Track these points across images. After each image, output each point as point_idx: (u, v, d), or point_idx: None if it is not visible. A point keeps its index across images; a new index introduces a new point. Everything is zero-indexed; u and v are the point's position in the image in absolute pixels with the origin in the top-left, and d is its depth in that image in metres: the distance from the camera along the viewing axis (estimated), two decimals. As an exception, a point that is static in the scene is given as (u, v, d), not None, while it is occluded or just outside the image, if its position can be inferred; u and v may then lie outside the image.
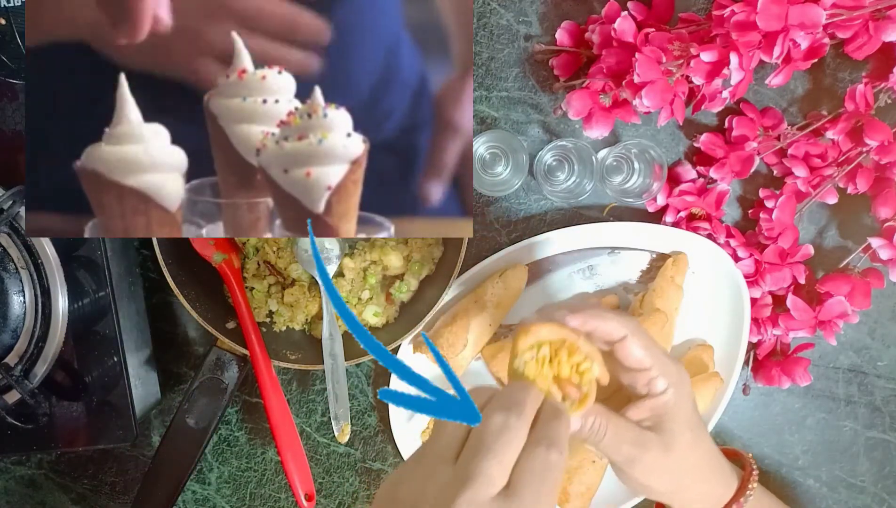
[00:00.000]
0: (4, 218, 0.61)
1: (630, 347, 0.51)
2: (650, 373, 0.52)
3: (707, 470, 0.55)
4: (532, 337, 0.48)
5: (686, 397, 0.53)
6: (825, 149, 0.67)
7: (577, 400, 0.48)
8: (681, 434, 0.53)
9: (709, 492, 0.56)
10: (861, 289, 0.67)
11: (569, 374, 0.48)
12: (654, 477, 0.53)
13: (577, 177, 0.69)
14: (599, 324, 0.51)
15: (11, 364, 0.63)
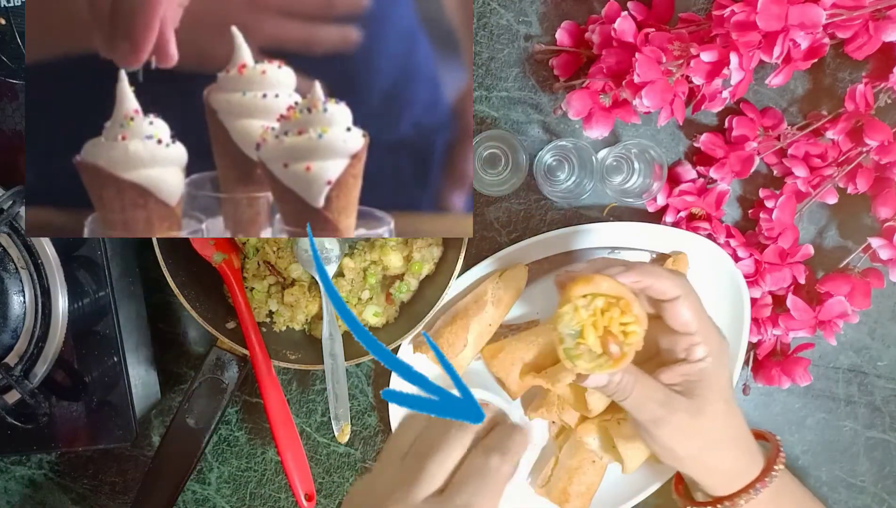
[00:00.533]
0: (4, 218, 0.61)
1: (680, 309, 0.51)
2: (693, 338, 0.52)
3: (733, 444, 0.55)
4: (592, 287, 0.48)
5: (723, 368, 0.53)
6: (825, 149, 0.67)
7: (614, 357, 0.48)
8: (712, 403, 0.52)
9: (732, 466, 0.55)
10: (861, 289, 0.67)
11: (616, 331, 0.48)
12: (678, 440, 0.53)
13: (577, 177, 0.69)
14: (654, 282, 0.50)
15: (11, 364, 0.63)
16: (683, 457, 0.54)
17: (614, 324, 0.48)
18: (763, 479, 0.55)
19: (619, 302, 0.48)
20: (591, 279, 0.48)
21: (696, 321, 0.51)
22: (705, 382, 0.52)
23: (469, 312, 0.68)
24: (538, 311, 0.72)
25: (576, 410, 0.66)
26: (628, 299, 0.49)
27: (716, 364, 0.52)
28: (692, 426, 0.52)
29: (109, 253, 0.65)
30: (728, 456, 0.55)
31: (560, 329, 0.49)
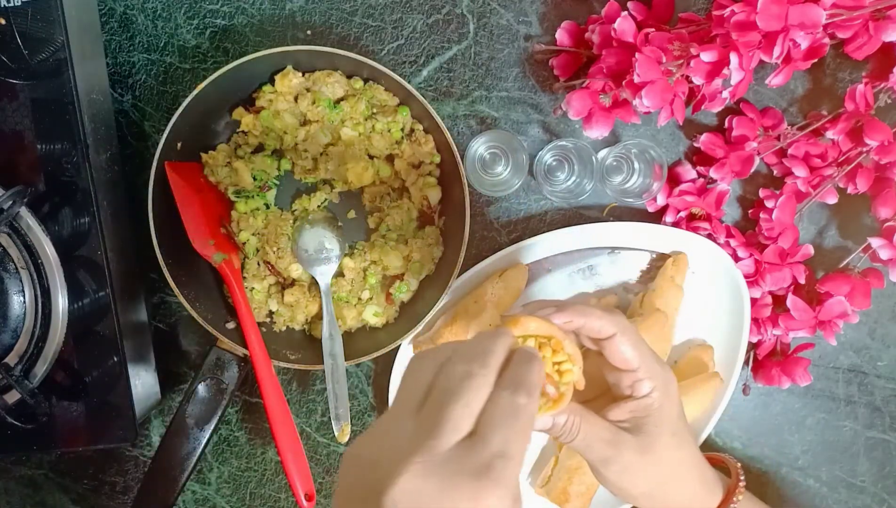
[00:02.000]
0: (4, 218, 0.61)
1: (618, 346, 0.50)
2: (636, 374, 0.51)
3: (688, 477, 0.54)
4: (520, 329, 0.48)
5: (671, 401, 0.52)
6: (825, 149, 0.67)
7: (552, 399, 0.48)
8: (660, 437, 0.51)
9: (689, 499, 0.54)
10: (861, 289, 0.67)
11: (550, 371, 0.48)
12: (629, 479, 0.52)
13: (577, 177, 0.69)
14: (587, 321, 0.50)
15: (11, 364, 0.63)
16: (637, 495, 0.53)
17: (547, 365, 0.48)
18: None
19: (550, 342, 0.48)
20: (517, 320, 0.48)
21: (636, 357, 0.51)
22: (653, 417, 0.52)
23: (469, 312, 0.68)
24: (538, 311, 0.72)
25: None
26: (558, 337, 0.48)
27: (662, 398, 0.51)
28: (642, 463, 0.51)
29: (109, 253, 0.65)
30: (683, 491, 0.54)
31: None
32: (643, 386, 0.51)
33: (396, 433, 0.41)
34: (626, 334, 0.51)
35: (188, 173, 0.69)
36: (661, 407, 0.52)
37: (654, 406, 0.51)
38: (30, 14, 0.63)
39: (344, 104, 0.69)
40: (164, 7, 0.72)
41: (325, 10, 0.72)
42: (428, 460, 0.38)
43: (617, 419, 0.52)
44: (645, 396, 0.51)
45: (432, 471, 0.38)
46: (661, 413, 0.52)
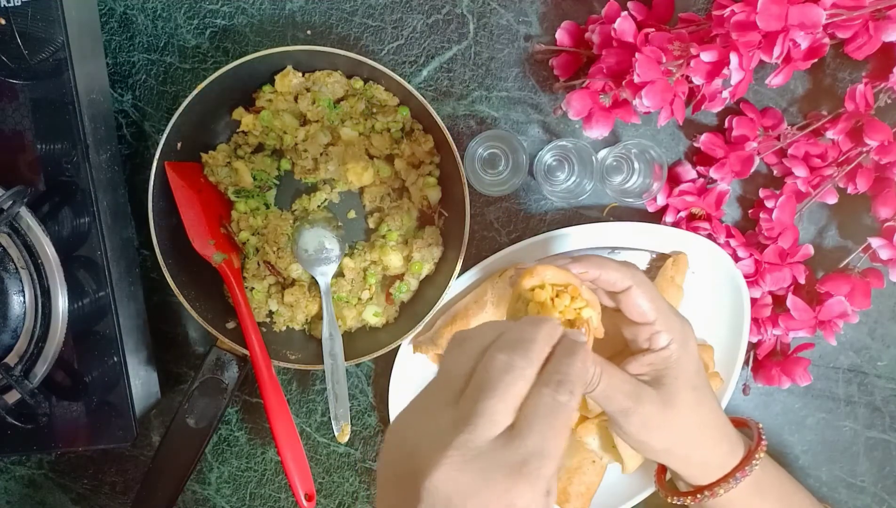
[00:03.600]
0: (4, 218, 0.61)
1: (634, 298, 0.50)
2: (653, 327, 0.51)
3: (709, 433, 0.54)
4: (536, 278, 0.48)
5: (689, 355, 0.52)
6: (825, 149, 0.67)
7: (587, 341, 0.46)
8: (681, 392, 0.51)
9: (710, 456, 0.54)
10: (861, 289, 0.67)
11: (572, 318, 0.48)
12: (649, 433, 0.52)
13: (577, 177, 0.69)
14: (602, 273, 0.50)
15: (11, 364, 0.63)
16: (658, 449, 0.53)
17: (568, 312, 0.48)
18: (743, 468, 0.53)
19: (567, 289, 0.48)
20: (533, 269, 0.48)
21: (653, 310, 0.50)
22: (672, 370, 0.51)
23: (469, 312, 0.68)
24: (538, 311, 0.72)
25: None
26: (575, 284, 0.48)
27: (680, 350, 0.51)
28: (662, 418, 0.51)
29: (109, 253, 0.65)
30: (704, 446, 0.54)
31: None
32: (660, 338, 0.51)
33: (437, 420, 0.41)
34: (642, 286, 0.51)
35: (188, 173, 0.69)
36: (679, 360, 0.51)
37: (673, 358, 0.51)
38: (30, 14, 0.63)
39: (344, 104, 0.69)
40: (164, 7, 0.72)
41: (325, 10, 0.72)
42: (465, 453, 0.38)
43: (636, 372, 0.52)
44: (663, 349, 0.51)
45: (468, 464, 0.38)
46: (680, 366, 0.51)
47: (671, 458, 0.54)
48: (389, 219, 0.70)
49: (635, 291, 0.50)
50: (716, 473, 0.54)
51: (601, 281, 0.51)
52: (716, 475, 0.54)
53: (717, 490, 0.54)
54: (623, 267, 0.51)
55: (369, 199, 0.72)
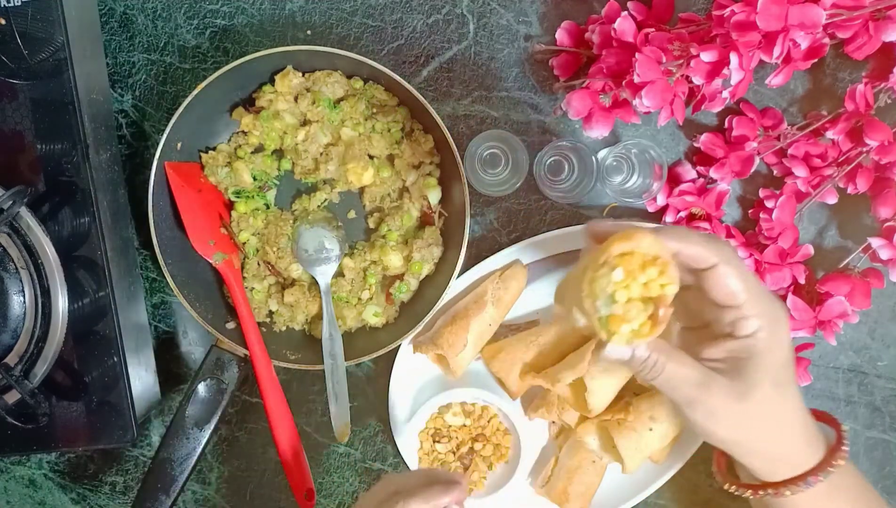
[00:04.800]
0: (4, 218, 0.61)
1: (721, 278, 0.45)
2: (741, 311, 0.46)
3: (786, 432, 0.49)
4: (632, 243, 0.43)
5: (778, 346, 0.47)
6: (825, 149, 0.67)
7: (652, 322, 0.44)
8: (761, 386, 0.46)
9: (782, 453, 0.50)
10: (861, 289, 0.67)
11: (655, 296, 0.44)
12: (716, 424, 0.48)
13: (577, 177, 0.69)
14: (683, 248, 0.45)
15: (11, 364, 0.64)
16: (724, 440, 0.49)
17: (652, 287, 0.44)
18: (817, 473, 0.49)
19: (655, 262, 0.44)
20: (632, 234, 0.43)
21: (742, 291, 0.45)
22: (755, 361, 0.46)
23: (469, 312, 0.68)
24: (538, 311, 0.72)
25: (576, 410, 0.66)
26: (665, 258, 0.44)
27: (769, 340, 0.46)
28: (733, 410, 0.47)
29: (109, 253, 0.65)
30: (777, 443, 0.49)
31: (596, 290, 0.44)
32: (747, 324, 0.46)
33: None
34: (731, 264, 0.45)
35: (188, 173, 0.69)
36: (765, 350, 0.46)
37: (758, 348, 0.46)
38: (30, 14, 0.63)
39: (344, 104, 0.69)
40: (164, 7, 0.72)
41: (325, 10, 0.72)
42: None
43: (713, 357, 0.48)
44: (748, 336, 0.46)
45: None
46: (765, 357, 0.46)
47: (738, 450, 0.50)
48: (389, 219, 0.70)
49: (723, 270, 0.45)
50: (786, 472, 0.50)
51: (682, 256, 0.45)
52: (786, 474, 0.50)
53: (784, 491, 0.50)
54: (710, 242, 0.46)
55: (369, 199, 0.72)
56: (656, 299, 0.44)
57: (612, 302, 0.44)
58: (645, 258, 0.44)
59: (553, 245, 0.70)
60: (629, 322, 0.44)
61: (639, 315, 0.44)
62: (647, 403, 0.66)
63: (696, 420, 0.49)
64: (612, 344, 0.45)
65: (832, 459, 0.50)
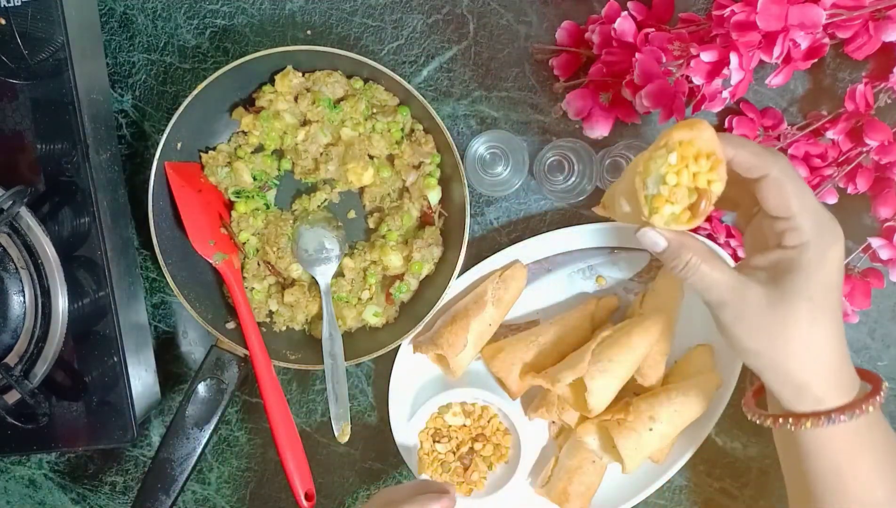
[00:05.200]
0: (4, 218, 0.61)
1: (774, 187, 0.47)
2: (790, 222, 0.47)
3: (813, 356, 0.48)
4: (695, 132, 0.46)
5: (823, 265, 0.47)
6: (825, 149, 0.67)
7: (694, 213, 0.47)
8: (794, 299, 0.47)
9: (808, 381, 0.49)
10: (861, 289, 0.67)
11: (701, 187, 0.46)
12: (742, 329, 0.49)
13: (577, 177, 0.69)
14: (737, 154, 0.47)
15: (11, 364, 0.64)
16: (748, 349, 0.49)
17: (700, 179, 0.46)
18: (843, 412, 0.48)
19: (710, 158, 0.46)
20: (696, 123, 0.46)
21: (794, 203, 0.46)
22: (794, 275, 0.47)
23: (469, 312, 0.68)
24: (538, 311, 0.72)
25: (576, 410, 0.66)
26: (719, 156, 0.46)
27: (813, 255, 0.46)
28: (761, 317, 0.47)
29: (109, 253, 0.65)
30: (802, 367, 0.49)
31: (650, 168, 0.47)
32: (794, 235, 0.47)
33: None
34: (785, 174, 0.47)
35: (188, 173, 0.69)
36: (807, 265, 0.47)
37: (801, 260, 0.47)
38: (30, 14, 0.63)
39: (344, 104, 0.69)
40: (164, 7, 0.72)
41: (325, 10, 0.72)
42: None
43: (758, 264, 0.49)
44: (793, 247, 0.47)
45: None
46: (806, 272, 0.47)
47: (763, 367, 0.50)
48: (389, 219, 0.70)
49: (775, 179, 0.46)
50: (810, 405, 0.49)
51: (737, 163, 0.47)
52: (809, 406, 0.50)
53: (805, 423, 0.49)
54: (764, 153, 0.47)
55: (369, 199, 0.72)
56: (701, 191, 0.47)
57: (662, 183, 0.47)
58: (701, 151, 0.46)
59: (553, 245, 0.70)
60: (672, 204, 0.47)
61: (682, 200, 0.47)
62: (647, 403, 0.66)
63: (725, 322, 0.50)
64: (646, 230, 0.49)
65: (862, 403, 0.49)
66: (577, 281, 0.72)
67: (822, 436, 0.50)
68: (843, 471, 0.50)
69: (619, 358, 0.64)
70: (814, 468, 0.51)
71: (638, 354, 0.65)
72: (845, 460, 0.50)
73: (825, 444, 0.50)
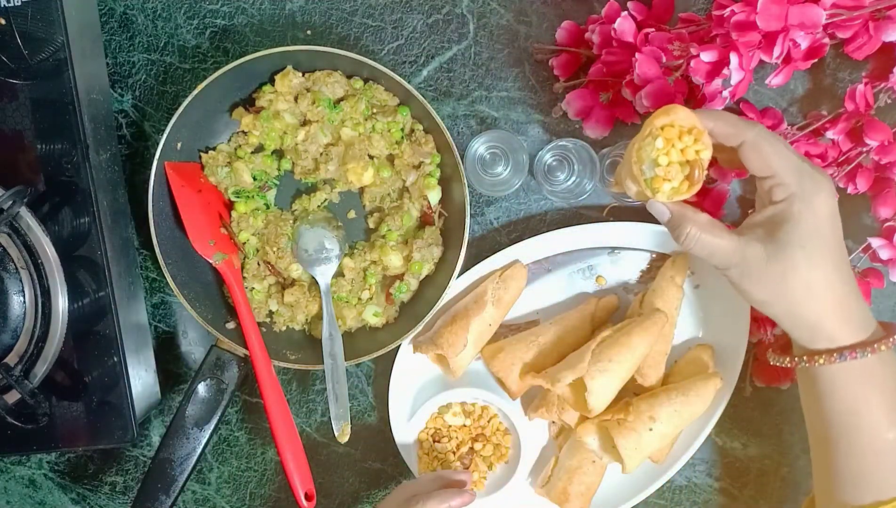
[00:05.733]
0: (4, 218, 0.61)
1: (752, 150, 0.52)
2: (775, 179, 0.52)
3: (818, 297, 0.53)
4: (670, 117, 0.53)
5: (812, 213, 0.52)
6: (825, 149, 0.67)
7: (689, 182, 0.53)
8: (787, 247, 0.52)
9: (816, 324, 0.53)
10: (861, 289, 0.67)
11: (691, 159, 0.53)
12: (749, 283, 0.54)
13: (577, 177, 0.69)
14: (716, 125, 0.53)
15: (11, 364, 0.64)
16: (757, 300, 0.55)
17: (689, 152, 0.53)
18: (855, 349, 0.52)
19: (691, 131, 0.53)
20: (668, 109, 0.53)
21: (773, 164, 0.52)
22: (785, 226, 0.52)
23: (469, 312, 0.68)
24: (538, 311, 0.72)
25: (576, 410, 0.66)
26: (699, 127, 0.53)
27: (801, 206, 0.51)
28: (763, 269, 0.52)
29: (109, 253, 0.65)
30: (810, 309, 0.53)
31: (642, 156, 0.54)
32: (780, 190, 0.52)
33: None
34: (762, 137, 0.52)
35: (188, 173, 0.69)
36: (796, 215, 0.52)
37: (790, 212, 0.52)
38: (30, 14, 0.63)
39: (344, 104, 0.69)
40: (164, 7, 0.72)
41: (325, 10, 0.72)
42: None
43: (753, 223, 0.54)
44: (781, 201, 0.52)
45: None
46: (794, 222, 0.52)
47: (772, 311, 0.55)
48: (389, 219, 0.70)
49: (752, 142, 0.52)
50: (824, 343, 0.54)
51: (715, 134, 0.53)
52: (823, 345, 0.54)
53: (818, 359, 0.53)
54: (740, 123, 0.53)
55: (369, 199, 0.72)
56: (692, 162, 0.53)
57: (656, 166, 0.54)
58: (682, 129, 0.53)
59: (553, 245, 0.70)
60: (670, 181, 0.54)
61: (677, 175, 0.54)
62: (647, 403, 0.66)
63: (734, 280, 0.55)
64: (653, 202, 0.56)
65: (874, 342, 0.53)
66: (577, 281, 0.72)
67: (837, 375, 0.54)
68: (855, 411, 0.54)
69: (619, 358, 0.64)
70: (828, 407, 0.55)
71: (638, 354, 0.65)
72: (857, 399, 0.54)
73: (839, 383, 0.54)
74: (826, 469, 0.57)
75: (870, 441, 0.54)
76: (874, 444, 0.54)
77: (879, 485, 0.54)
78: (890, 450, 0.54)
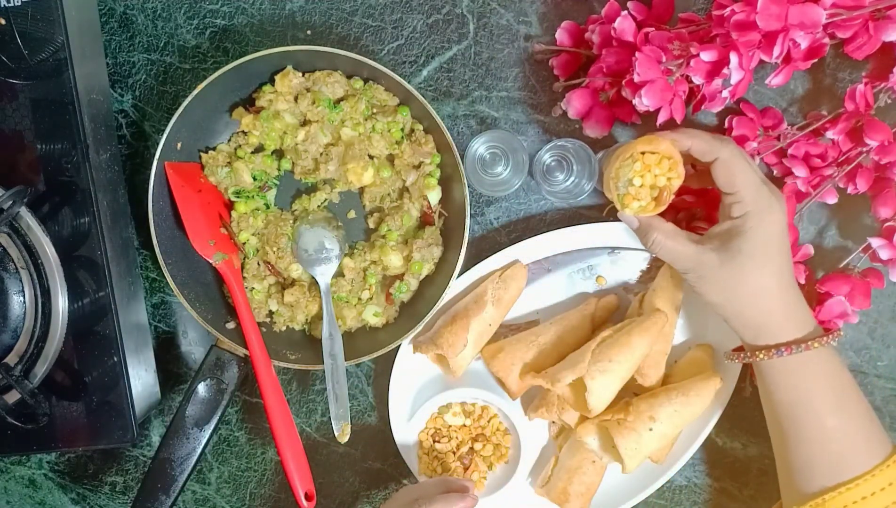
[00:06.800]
0: (4, 218, 0.61)
1: (721, 168, 0.58)
2: (735, 197, 0.58)
3: (764, 300, 0.59)
4: (652, 145, 0.59)
5: (764, 230, 0.58)
6: (825, 149, 0.67)
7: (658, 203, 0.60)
8: (738, 255, 0.58)
9: (762, 325, 0.60)
10: (861, 289, 0.67)
11: (664, 184, 0.60)
12: (704, 285, 0.61)
13: (577, 177, 0.69)
14: (693, 144, 0.59)
15: (11, 364, 0.64)
16: (713, 302, 0.61)
17: (660, 179, 0.60)
18: (791, 346, 0.58)
19: (669, 160, 0.59)
20: (652, 139, 0.59)
21: (736, 183, 0.58)
22: (739, 238, 0.58)
23: (469, 312, 0.68)
24: (538, 311, 0.72)
25: (576, 410, 0.66)
26: (676, 158, 0.59)
27: (753, 222, 0.58)
28: (717, 274, 0.59)
29: (109, 253, 0.65)
30: (756, 310, 0.60)
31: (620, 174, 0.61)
32: (737, 208, 0.59)
33: None
34: (732, 157, 0.58)
35: (188, 173, 0.69)
36: (749, 230, 0.58)
37: (744, 227, 0.58)
38: (30, 14, 0.63)
39: (344, 104, 0.69)
40: (164, 7, 0.72)
41: (325, 10, 0.72)
42: None
43: (713, 234, 0.61)
44: (738, 217, 0.59)
45: None
46: (748, 235, 0.58)
47: (724, 312, 0.61)
48: (389, 219, 0.70)
49: (723, 161, 0.58)
50: (766, 340, 0.60)
51: (693, 151, 0.59)
52: (766, 342, 0.60)
53: (759, 354, 0.60)
54: (714, 141, 0.59)
55: (369, 199, 0.72)
56: (662, 187, 0.60)
57: (630, 185, 0.61)
58: (662, 154, 0.59)
59: (553, 245, 0.70)
60: (638, 200, 0.61)
61: (646, 197, 0.61)
62: (647, 403, 0.66)
63: (691, 282, 0.62)
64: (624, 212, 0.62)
65: (809, 340, 0.59)
66: (577, 281, 0.72)
67: (780, 370, 0.60)
68: (797, 402, 0.60)
69: (619, 358, 0.64)
70: (776, 399, 0.61)
71: (638, 354, 0.65)
72: (799, 390, 0.60)
73: (782, 377, 0.60)
74: (782, 459, 0.63)
75: (813, 430, 0.60)
76: (817, 433, 0.60)
77: (825, 471, 0.60)
78: (832, 438, 0.60)
